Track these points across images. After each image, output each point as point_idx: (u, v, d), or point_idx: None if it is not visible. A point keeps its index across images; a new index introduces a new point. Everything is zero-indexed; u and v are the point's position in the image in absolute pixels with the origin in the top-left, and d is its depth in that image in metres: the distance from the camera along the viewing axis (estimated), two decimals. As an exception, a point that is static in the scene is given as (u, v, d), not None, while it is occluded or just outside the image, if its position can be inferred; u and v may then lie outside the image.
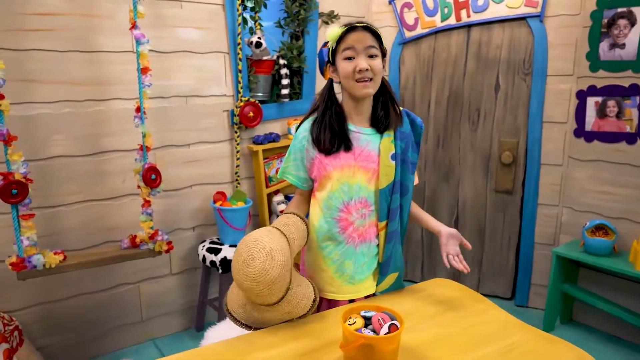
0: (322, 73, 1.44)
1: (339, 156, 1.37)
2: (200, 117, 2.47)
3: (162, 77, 2.31)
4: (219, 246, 2.39)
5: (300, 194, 1.48)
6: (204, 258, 2.37)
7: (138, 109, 1.98)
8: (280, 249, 1.19)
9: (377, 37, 1.33)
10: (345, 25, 1.31)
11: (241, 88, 2.50)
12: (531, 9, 2.59)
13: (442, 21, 2.81)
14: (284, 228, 1.26)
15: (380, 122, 1.39)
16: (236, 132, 2.55)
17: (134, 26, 1.90)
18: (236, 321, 1.28)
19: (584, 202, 2.59)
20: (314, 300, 1.29)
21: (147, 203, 2.03)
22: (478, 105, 2.85)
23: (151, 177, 2.01)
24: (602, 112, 2.46)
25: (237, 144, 2.57)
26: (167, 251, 2.11)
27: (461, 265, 1.38)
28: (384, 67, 1.38)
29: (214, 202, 2.42)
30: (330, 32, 1.31)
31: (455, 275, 3.16)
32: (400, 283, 1.53)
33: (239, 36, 2.45)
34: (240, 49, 2.46)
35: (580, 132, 2.56)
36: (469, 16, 2.73)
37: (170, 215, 2.46)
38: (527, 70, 2.68)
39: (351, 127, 1.39)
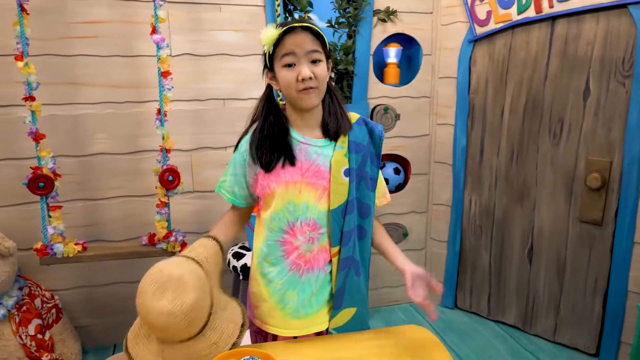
0: None
1: (284, 171, 1.20)
2: (238, 120, 2.46)
3: (200, 81, 2.35)
4: (244, 251, 2.35)
5: (233, 211, 1.34)
6: (228, 262, 2.36)
7: (159, 112, 2.03)
8: (190, 270, 1.07)
9: (319, 38, 1.13)
10: (282, 26, 1.13)
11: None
12: (635, -7, 2.03)
13: (519, 14, 2.36)
14: (190, 253, 1.14)
15: (330, 129, 1.21)
16: (273, 137, 2.48)
17: (154, 31, 1.95)
18: None
19: (698, 246, 1.95)
20: (243, 325, 1.15)
21: (162, 204, 2.07)
22: (561, 114, 2.34)
23: (168, 179, 2.05)
24: None
25: (275, 149, 2.49)
26: (181, 252, 2.12)
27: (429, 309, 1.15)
28: (329, 69, 1.18)
29: (244, 206, 2.39)
30: (265, 35, 1.13)
31: (528, 316, 2.67)
32: (362, 322, 1.30)
33: (278, 38, 2.37)
34: (279, 51, 2.38)
35: (698, 153, 1.93)
36: (551, 6, 2.24)
37: (205, 216, 2.50)
38: (627, 72, 2.11)
39: (298, 137, 1.22)
